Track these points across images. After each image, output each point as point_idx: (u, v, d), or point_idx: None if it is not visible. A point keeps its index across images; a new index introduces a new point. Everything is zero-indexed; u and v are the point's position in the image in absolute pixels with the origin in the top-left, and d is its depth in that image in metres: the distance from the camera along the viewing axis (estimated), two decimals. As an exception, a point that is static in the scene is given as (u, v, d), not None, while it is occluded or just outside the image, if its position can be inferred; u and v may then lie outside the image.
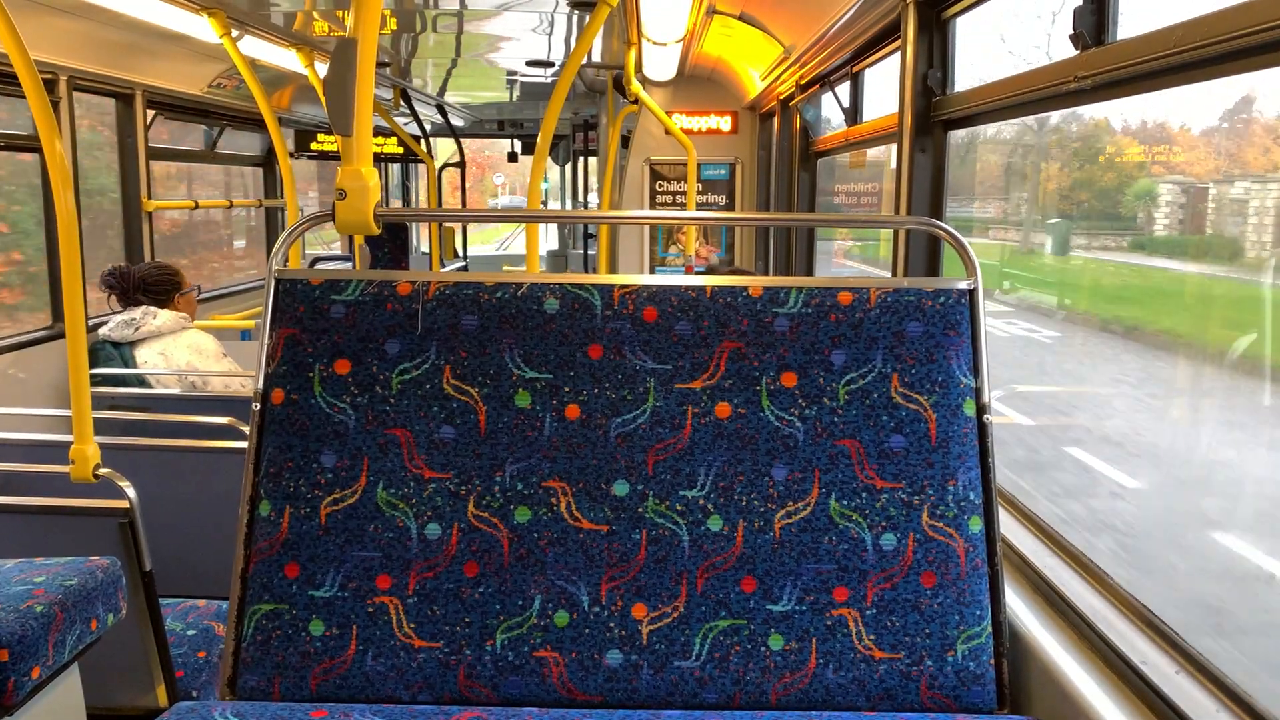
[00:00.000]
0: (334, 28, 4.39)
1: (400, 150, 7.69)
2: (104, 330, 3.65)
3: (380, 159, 8.04)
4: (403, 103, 7.31)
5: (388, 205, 10.57)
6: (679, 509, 1.57)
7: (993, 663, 1.54)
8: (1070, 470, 4.79)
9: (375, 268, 7.27)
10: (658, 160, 6.33)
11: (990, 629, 1.55)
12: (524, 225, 5.30)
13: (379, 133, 7.36)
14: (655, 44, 4.71)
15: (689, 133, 6.11)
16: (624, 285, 1.63)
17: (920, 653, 1.52)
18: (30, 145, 4.03)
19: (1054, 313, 6.39)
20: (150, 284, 3.76)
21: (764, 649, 1.53)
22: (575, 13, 4.18)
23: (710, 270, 6.38)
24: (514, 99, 8.23)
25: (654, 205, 6.36)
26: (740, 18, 4.42)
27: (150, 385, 3.61)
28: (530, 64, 5.86)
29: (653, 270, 6.41)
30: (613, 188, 6.34)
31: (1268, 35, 1.26)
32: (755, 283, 1.63)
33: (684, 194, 6.24)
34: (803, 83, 4.50)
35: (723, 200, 6.40)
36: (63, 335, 3.72)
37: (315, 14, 4.20)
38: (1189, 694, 1.33)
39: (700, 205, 6.22)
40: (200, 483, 2.74)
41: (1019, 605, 1.67)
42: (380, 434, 1.59)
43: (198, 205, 5.91)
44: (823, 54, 3.88)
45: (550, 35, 4.83)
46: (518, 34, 4.83)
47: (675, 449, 1.58)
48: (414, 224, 9.46)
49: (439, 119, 9.06)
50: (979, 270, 1.63)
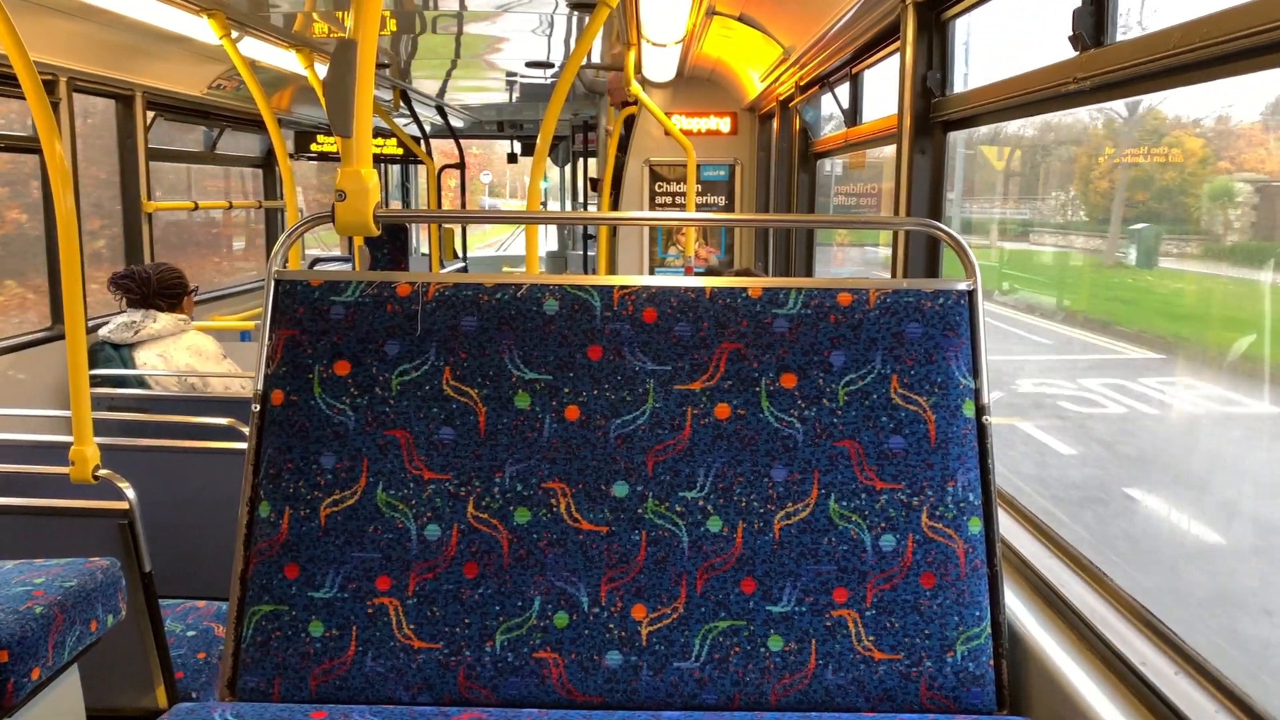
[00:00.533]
0: (334, 29, 4.39)
1: (400, 151, 7.69)
2: (104, 331, 3.64)
3: (380, 160, 8.04)
4: (402, 104, 7.32)
5: (387, 206, 10.58)
6: (678, 510, 1.57)
7: (992, 664, 1.54)
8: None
9: (375, 269, 7.27)
10: (657, 161, 6.33)
11: (990, 630, 1.55)
12: (523, 226, 5.31)
13: (378, 134, 7.36)
14: (655, 45, 4.71)
15: (688, 134, 6.11)
16: (623, 286, 1.63)
17: (920, 654, 1.53)
18: (30, 146, 4.03)
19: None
20: (166, 287, 3.76)
21: (763, 650, 1.53)
22: (575, 14, 4.18)
23: (710, 271, 6.39)
24: (513, 100, 8.23)
25: (653, 206, 6.36)
26: (740, 19, 4.42)
27: (150, 387, 3.61)
28: (530, 65, 5.86)
29: (652, 271, 6.41)
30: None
31: (1266, 37, 1.26)
32: (754, 284, 1.63)
33: (683, 195, 6.24)
34: (802, 84, 4.50)
35: (722, 201, 6.40)
36: (62, 336, 3.72)
37: (315, 15, 4.20)
38: (1188, 695, 1.33)
39: (699, 206, 6.22)
40: (200, 484, 2.74)
41: (1018, 606, 1.67)
42: (380, 435, 1.59)
43: (197, 206, 5.91)
44: (822, 55, 3.88)
45: (550, 36, 4.83)
46: (517, 35, 4.84)
47: (675, 450, 1.58)
48: (413, 225, 9.46)
49: (439, 120, 9.07)
50: (978, 271, 1.63)
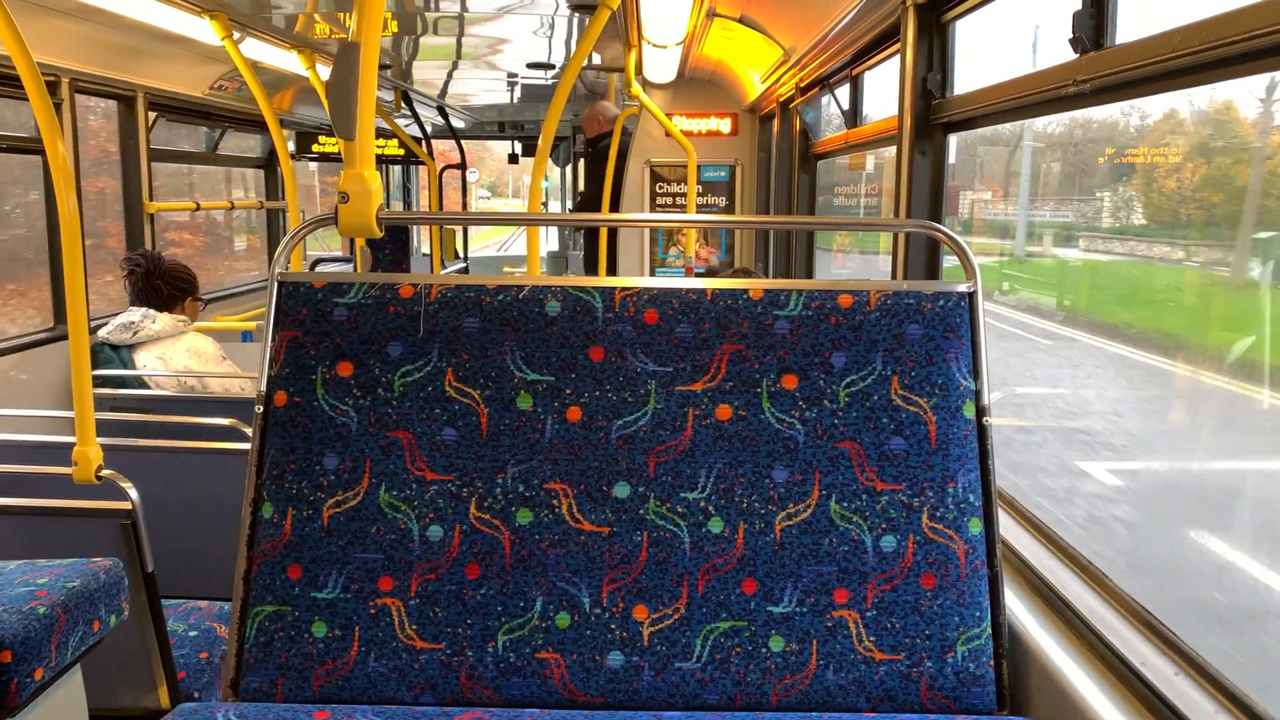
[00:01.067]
0: (335, 30, 4.39)
1: (402, 152, 7.69)
2: (103, 332, 3.64)
3: (382, 161, 8.05)
4: (404, 105, 7.32)
5: (389, 206, 10.56)
6: (680, 511, 1.57)
7: (992, 664, 1.54)
8: None
9: (376, 269, 7.28)
10: (658, 162, 6.33)
11: (990, 630, 1.55)
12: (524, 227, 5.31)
13: (380, 134, 7.36)
14: (655, 46, 4.71)
15: (689, 135, 6.12)
16: (625, 288, 1.64)
17: (920, 654, 1.53)
18: (33, 147, 4.03)
19: None
20: (172, 277, 3.73)
21: (765, 650, 1.53)
22: (576, 15, 4.19)
23: (710, 272, 6.39)
24: (515, 101, 8.23)
25: (654, 207, 6.36)
26: (740, 20, 4.42)
27: (150, 388, 3.61)
28: (531, 66, 5.86)
29: (653, 271, 6.41)
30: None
31: (1265, 40, 1.27)
32: (756, 285, 1.64)
33: (684, 196, 6.24)
34: (802, 85, 4.51)
35: (722, 202, 6.40)
36: (64, 337, 3.72)
37: (317, 16, 4.20)
38: (1188, 696, 1.34)
39: (700, 207, 6.22)
40: (202, 484, 2.75)
41: (1019, 607, 1.67)
42: (382, 436, 1.60)
43: (199, 207, 5.91)
44: (822, 56, 3.89)
45: (551, 38, 4.83)
46: (518, 36, 4.84)
47: (676, 451, 1.59)
48: (415, 226, 9.47)
49: (440, 121, 9.07)
50: (978, 273, 1.64)
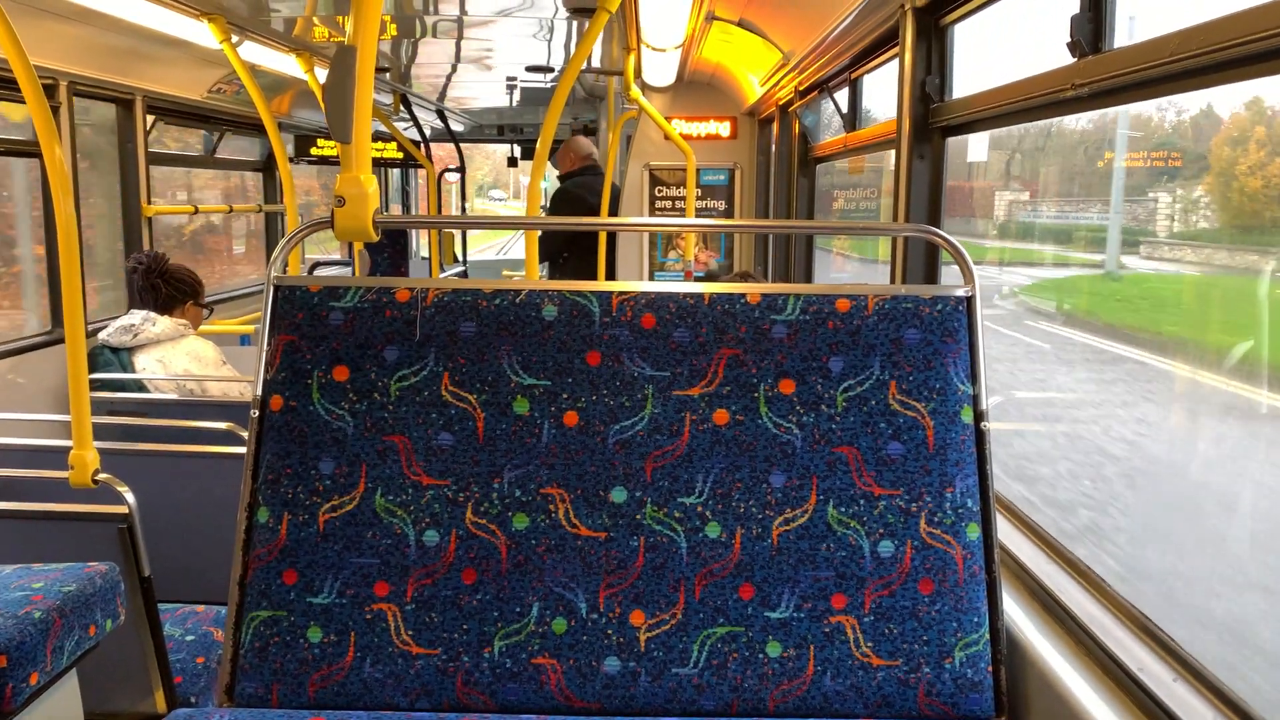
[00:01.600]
0: (334, 33, 4.39)
1: (400, 155, 7.69)
2: (103, 335, 3.64)
3: (380, 164, 8.05)
4: (402, 108, 7.32)
5: (387, 210, 10.57)
6: (677, 516, 1.57)
7: (990, 670, 1.54)
8: None
9: (375, 273, 7.27)
10: (657, 166, 6.33)
11: (988, 636, 1.55)
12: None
13: (378, 137, 7.36)
14: (654, 50, 4.72)
15: (688, 138, 6.12)
16: (622, 292, 1.63)
17: (918, 660, 1.53)
18: (30, 150, 4.03)
19: None
20: (175, 279, 3.70)
21: (762, 656, 1.53)
22: (574, 19, 4.19)
23: (709, 275, 6.39)
24: (514, 104, 8.23)
25: (653, 211, 6.36)
26: (739, 24, 4.43)
27: (149, 391, 3.61)
28: (530, 69, 5.86)
29: (652, 276, 6.41)
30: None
31: (1261, 45, 1.27)
32: (753, 289, 1.63)
33: (683, 199, 6.25)
34: (801, 89, 4.51)
35: (722, 206, 6.40)
36: (62, 340, 3.72)
37: (315, 19, 4.20)
38: (1186, 702, 1.33)
39: (699, 211, 6.22)
40: (199, 488, 2.74)
41: (1017, 613, 1.67)
42: (379, 441, 1.59)
43: (197, 210, 5.90)
44: (821, 60, 3.89)
45: (550, 41, 4.83)
46: (517, 40, 4.84)
47: (673, 456, 1.59)
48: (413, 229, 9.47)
49: (439, 124, 9.07)
50: (976, 277, 1.64)
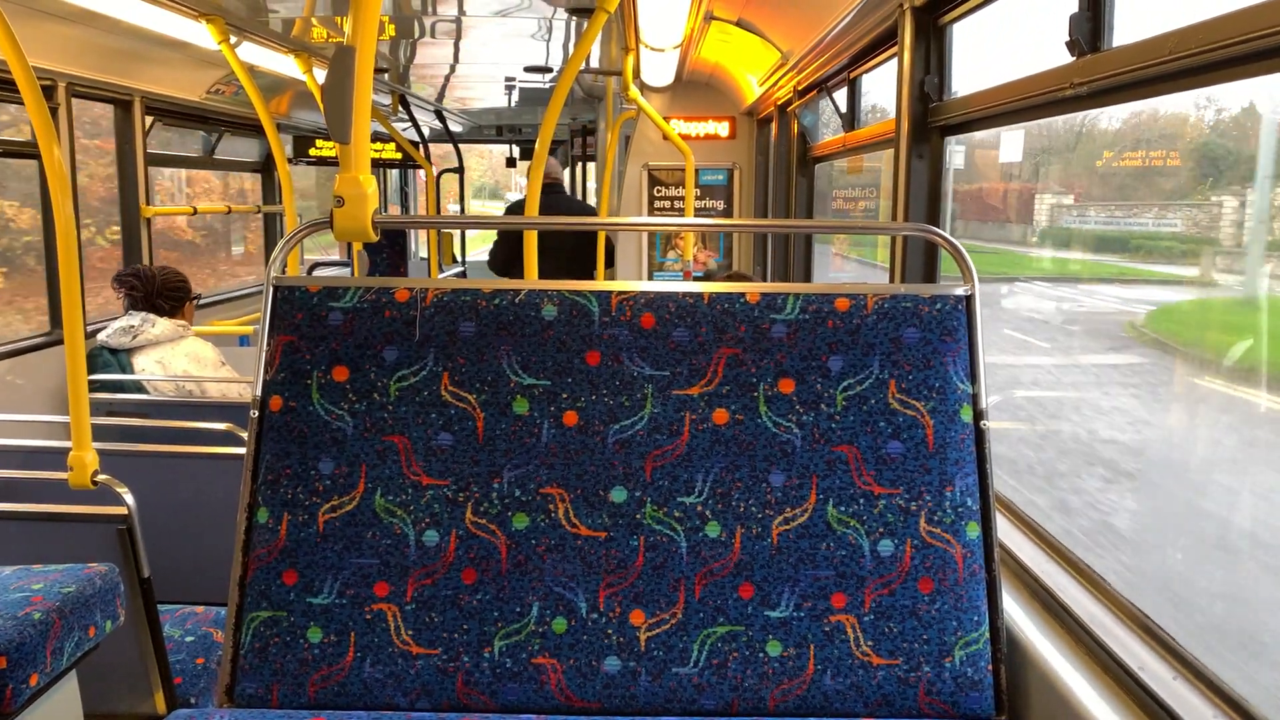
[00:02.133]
0: (333, 34, 4.39)
1: (399, 156, 7.69)
2: (102, 336, 3.64)
3: (379, 165, 8.05)
4: (401, 108, 7.31)
5: (385, 210, 10.58)
6: (677, 515, 1.57)
7: (990, 669, 1.54)
8: None
9: (374, 273, 7.27)
10: (656, 166, 6.34)
11: (988, 635, 1.55)
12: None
13: (377, 138, 7.36)
14: (653, 50, 4.72)
15: (687, 138, 6.12)
16: (621, 292, 1.63)
17: (918, 659, 1.53)
18: (29, 152, 4.03)
19: None
20: (170, 290, 3.72)
21: (762, 655, 1.53)
22: (573, 19, 4.19)
23: (709, 276, 6.39)
24: (512, 104, 8.24)
25: (652, 211, 6.36)
26: (738, 24, 4.43)
27: (148, 392, 3.61)
28: (528, 70, 5.86)
29: (651, 275, 6.41)
30: (610, 192, 6.34)
31: (1261, 43, 1.27)
32: (753, 289, 1.63)
33: (682, 199, 6.25)
34: (800, 88, 4.51)
35: (721, 205, 6.40)
36: (61, 341, 3.71)
37: (314, 20, 4.20)
38: (1186, 700, 1.33)
39: (698, 211, 6.22)
40: (199, 489, 2.74)
41: (1017, 611, 1.67)
42: (378, 441, 1.59)
43: (196, 211, 5.90)
44: (820, 60, 3.89)
45: (548, 41, 4.83)
46: (516, 40, 4.84)
47: (673, 455, 1.59)
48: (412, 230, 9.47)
49: (437, 125, 9.07)
50: (975, 276, 1.64)
